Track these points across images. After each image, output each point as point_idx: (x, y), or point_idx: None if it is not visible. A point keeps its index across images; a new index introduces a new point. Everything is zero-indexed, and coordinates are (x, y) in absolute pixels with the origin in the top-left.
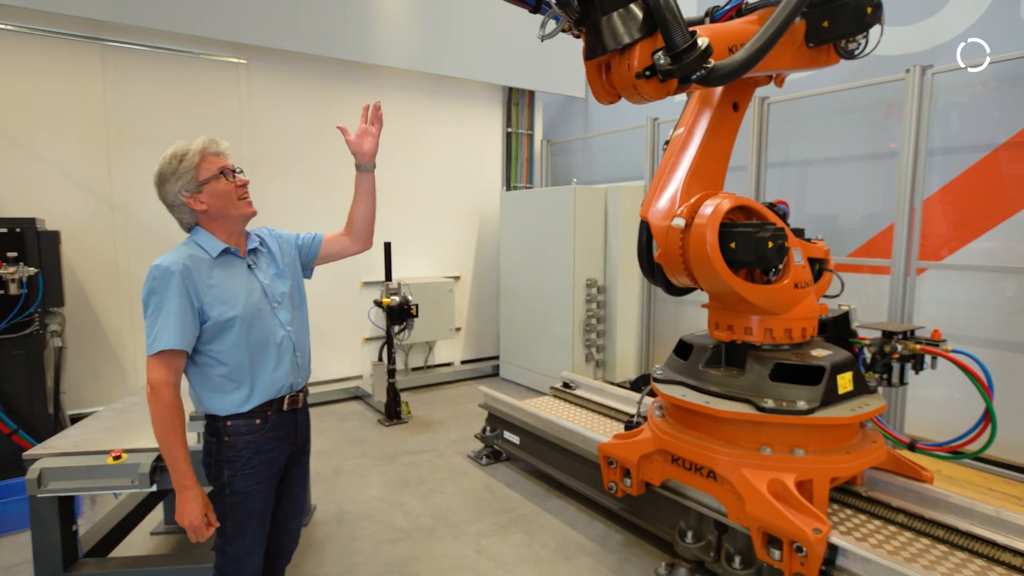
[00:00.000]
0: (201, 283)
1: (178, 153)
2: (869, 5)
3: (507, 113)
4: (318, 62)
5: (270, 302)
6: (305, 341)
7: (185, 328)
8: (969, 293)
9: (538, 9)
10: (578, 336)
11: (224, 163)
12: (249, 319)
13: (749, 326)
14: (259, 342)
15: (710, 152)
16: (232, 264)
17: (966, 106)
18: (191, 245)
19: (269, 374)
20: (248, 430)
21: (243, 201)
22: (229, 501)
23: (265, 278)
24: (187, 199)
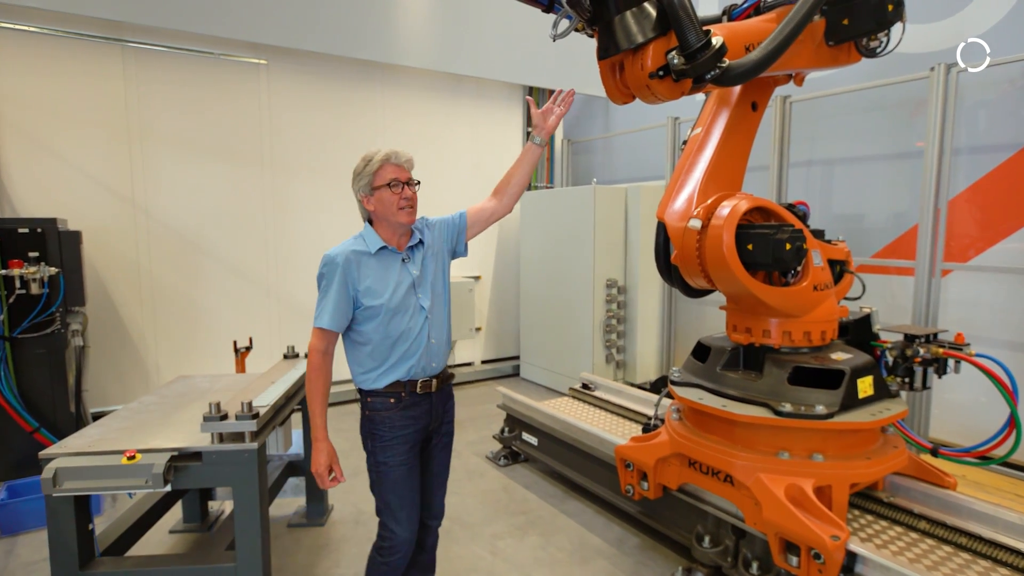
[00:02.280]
0: (359, 274)
1: (366, 157)
2: (890, 2)
3: (527, 113)
4: (338, 62)
5: (416, 291)
6: (443, 327)
7: (337, 312)
8: (996, 295)
9: (551, 8)
10: (598, 337)
11: (398, 174)
12: (393, 309)
13: (767, 328)
14: (399, 329)
15: (728, 152)
16: (388, 259)
17: (993, 104)
18: (358, 239)
19: (404, 358)
20: (384, 407)
21: (402, 211)
22: (376, 470)
23: (415, 269)
24: (363, 198)
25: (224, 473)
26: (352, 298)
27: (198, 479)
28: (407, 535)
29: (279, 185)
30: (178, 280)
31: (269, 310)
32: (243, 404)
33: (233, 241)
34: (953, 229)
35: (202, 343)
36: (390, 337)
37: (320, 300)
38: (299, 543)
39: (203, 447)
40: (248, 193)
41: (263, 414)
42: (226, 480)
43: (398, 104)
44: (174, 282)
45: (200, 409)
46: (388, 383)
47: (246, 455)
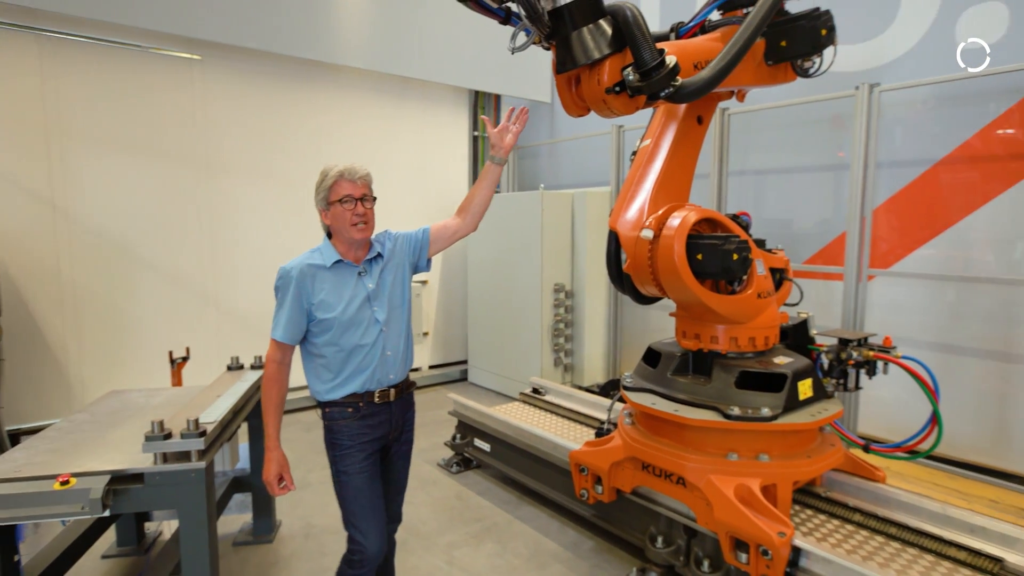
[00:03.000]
0: (313, 287)
1: (323, 172)
2: (824, 27)
3: (473, 117)
4: (279, 60)
5: (371, 304)
6: (399, 339)
7: (290, 324)
8: (912, 298)
9: (508, 21)
10: (546, 341)
11: (352, 191)
12: (346, 322)
13: (715, 335)
14: (353, 342)
15: (676, 164)
16: (343, 272)
17: (908, 122)
18: (315, 252)
19: (358, 370)
20: (342, 416)
21: (355, 227)
22: (338, 479)
23: (371, 283)
24: (321, 212)
25: (168, 495)
26: (306, 311)
27: (140, 503)
28: (375, 547)
29: (217, 188)
30: (104, 288)
31: (207, 319)
32: (189, 421)
33: (166, 246)
34: (876, 237)
35: (133, 355)
36: (344, 350)
37: (276, 311)
38: (246, 562)
39: (145, 468)
40: (182, 196)
41: (210, 431)
42: (171, 502)
43: (343, 106)
44: (100, 290)
45: (138, 426)
46: (345, 394)
47: (193, 475)
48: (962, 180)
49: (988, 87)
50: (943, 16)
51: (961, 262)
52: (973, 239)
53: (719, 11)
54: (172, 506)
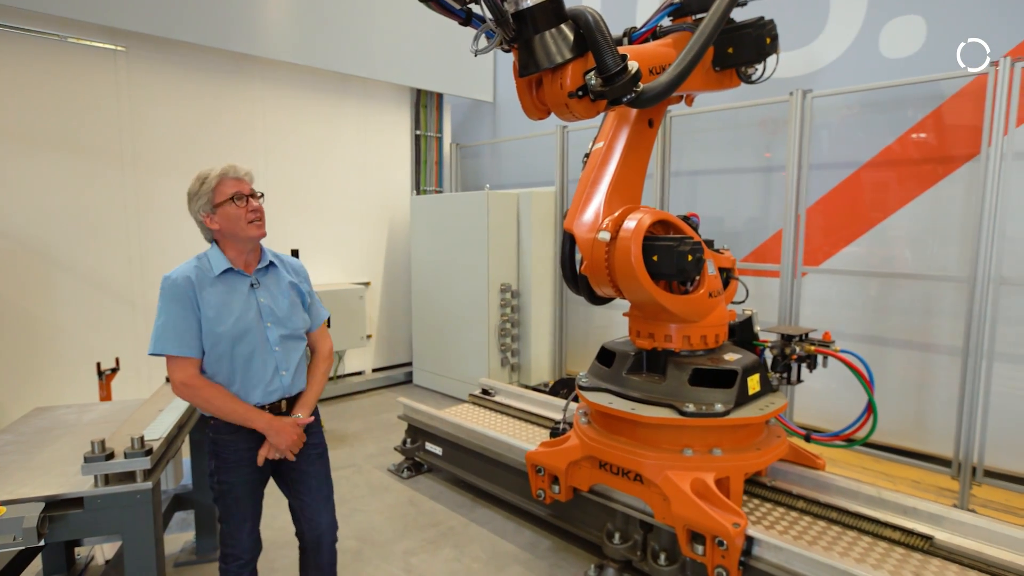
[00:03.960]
0: (201, 297)
1: (201, 176)
2: (768, 36)
3: (415, 115)
4: (209, 53)
5: (264, 321)
6: (293, 360)
7: (188, 335)
8: (840, 294)
9: (468, 22)
10: (493, 341)
11: (240, 188)
12: (238, 335)
13: (669, 334)
14: (244, 356)
15: (629, 166)
16: (234, 282)
17: (835, 127)
18: (201, 259)
19: (250, 386)
20: (227, 430)
21: (252, 224)
22: (216, 488)
23: (265, 297)
24: (204, 218)
25: (112, 520)
26: (198, 321)
27: (80, 529)
28: (247, 543)
29: (143, 186)
30: (17, 295)
31: (135, 326)
32: (133, 439)
33: (88, 249)
34: (807, 236)
35: (53, 368)
36: (233, 365)
37: (162, 326)
38: None
39: (85, 492)
40: (105, 194)
41: (156, 448)
42: (114, 527)
43: (278, 102)
44: (12, 297)
45: (72, 446)
46: None
47: (139, 497)
48: (885, 182)
49: (908, 95)
50: (868, 27)
51: (884, 259)
52: (895, 237)
53: (669, 17)
54: (116, 531)
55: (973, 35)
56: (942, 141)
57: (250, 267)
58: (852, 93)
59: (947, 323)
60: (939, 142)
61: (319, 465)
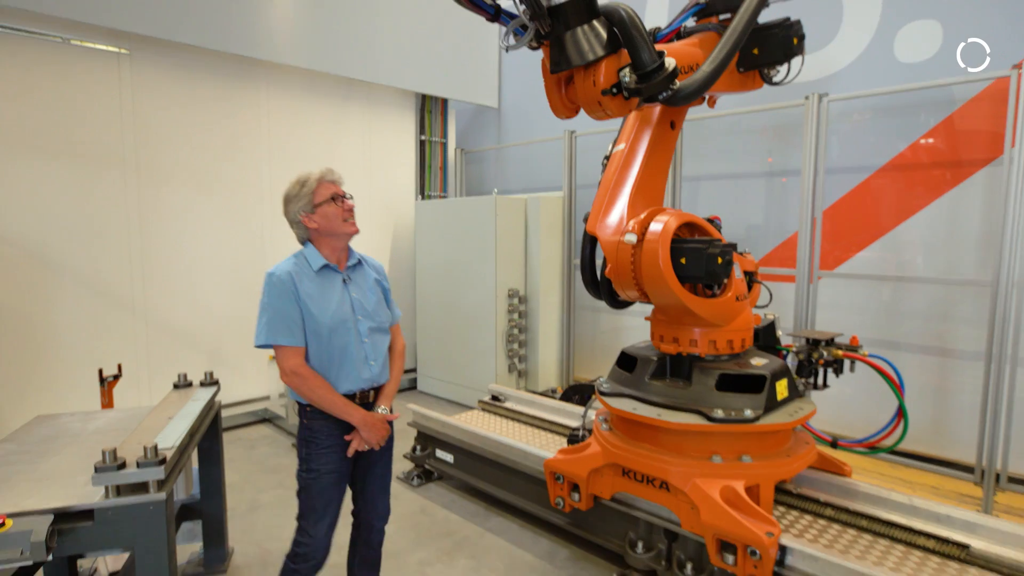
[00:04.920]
0: (301, 290)
1: (301, 179)
2: (796, 36)
3: (420, 120)
4: (213, 56)
5: (356, 314)
6: (381, 351)
7: (294, 325)
8: (853, 298)
9: (497, 18)
10: (501, 346)
11: (336, 190)
12: (334, 326)
13: (694, 338)
14: (339, 346)
15: (652, 168)
16: (329, 277)
17: (850, 132)
18: (299, 257)
19: (345, 373)
20: (321, 415)
21: (347, 223)
22: (303, 478)
23: (356, 292)
24: (303, 218)
25: (123, 533)
26: (300, 312)
27: (90, 543)
28: (323, 543)
29: (145, 190)
30: (16, 300)
31: (136, 332)
32: (146, 448)
33: (89, 253)
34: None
35: (53, 374)
36: (329, 354)
37: (271, 319)
38: None
39: (95, 504)
40: (107, 198)
41: (170, 457)
42: (126, 540)
43: (284, 106)
44: (11, 303)
45: (78, 455)
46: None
47: (152, 509)
48: (901, 186)
49: (925, 99)
50: (882, 31)
51: (899, 264)
52: (910, 242)
53: (694, 18)
54: (127, 545)
55: (989, 39)
56: (959, 145)
57: (342, 264)
58: (868, 97)
59: (965, 328)
60: (956, 146)
61: (387, 456)
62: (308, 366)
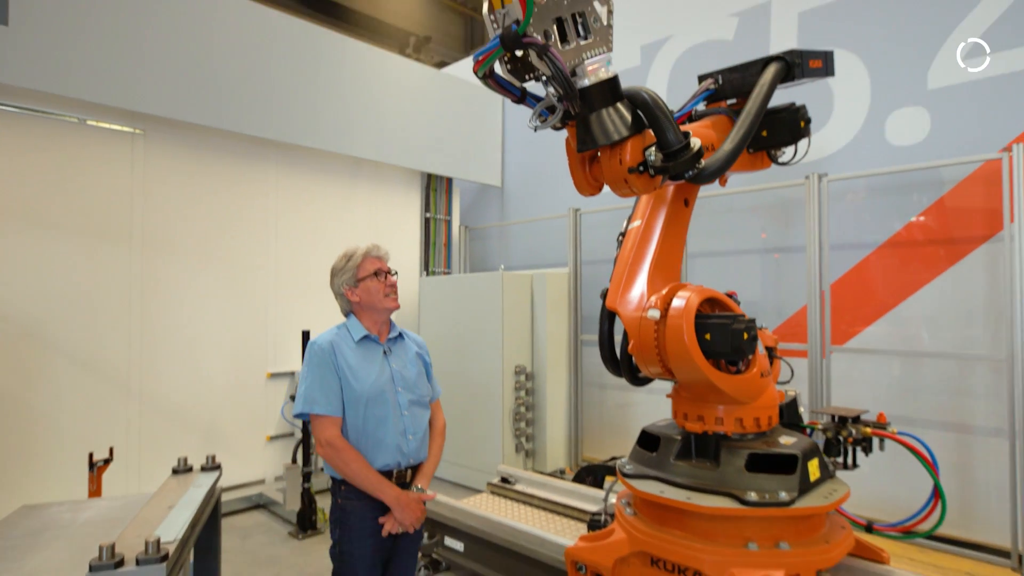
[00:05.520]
0: (342, 360)
1: (348, 253)
2: (802, 119)
3: (425, 198)
4: (228, 137)
5: (395, 386)
6: (420, 425)
7: (332, 395)
8: (863, 374)
9: (523, 100)
10: (507, 425)
11: (380, 265)
12: (373, 396)
13: (720, 416)
14: (377, 418)
15: (669, 245)
16: (370, 348)
17: (848, 211)
18: (342, 328)
19: (382, 446)
20: (357, 496)
21: (388, 298)
22: (338, 559)
23: (397, 364)
24: (347, 291)
25: None
26: (339, 382)
27: None
28: None
29: (151, 267)
30: (10, 381)
31: (129, 412)
32: (148, 543)
33: (86, 331)
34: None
35: (40, 459)
36: (366, 425)
37: (309, 387)
38: None
39: None
40: (111, 275)
41: (172, 552)
42: None
43: (293, 183)
44: (5, 384)
45: (68, 550)
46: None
47: None
48: (902, 263)
49: (921, 179)
50: (873, 117)
51: (904, 339)
52: (914, 317)
53: (704, 102)
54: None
55: (976, 123)
56: (956, 223)
57: (383, 336)
58: (866, 177)
59: (981, 403)
60: (954, 224)
61: (416, 542)
62: (343, 438)
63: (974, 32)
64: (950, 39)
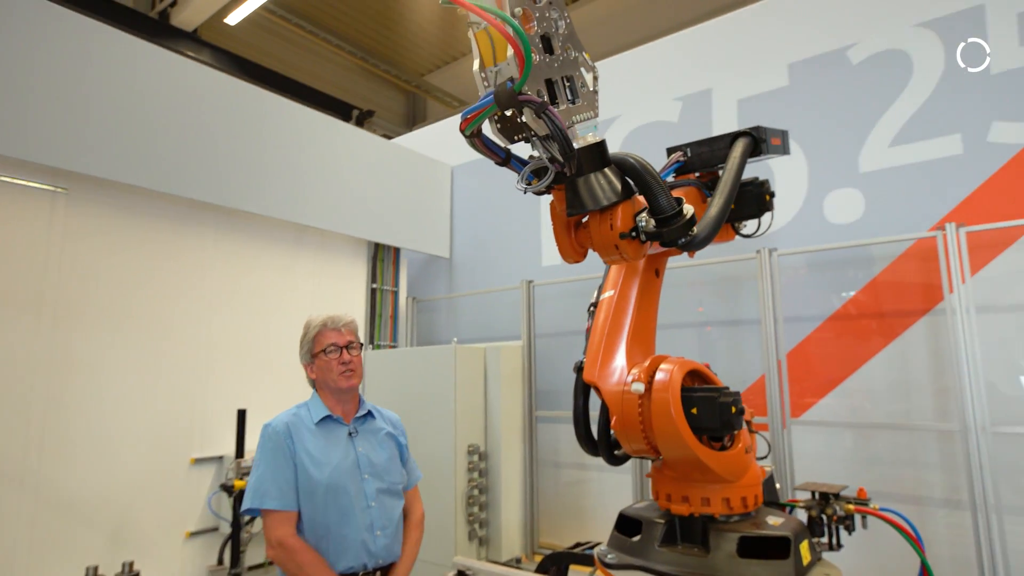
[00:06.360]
0: (298, 445)
1: (306, 324)
2: (767, 193)
3: (372, 269)
4: (161, 199)
5: (361, 472)
6: (392, 518)
7: (286, 486)
8: (816, 446)
9: (507, 162)
10: (461, 511)
11: (337, 339)
12: (334, 485)
13: (707, 496)
14: (339, 510)
15: (643, 315)
16: (332, 429)
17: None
18: (302, 407)
19: (345, 545)
20: None
21: (342, 376)
22: None
23: (363, 447)
24: (305, 366)
25: None
26: (294, 472)
27: None
28: None
29: (63, 339)
30: None
31: (19, 510)
32: None
33: None
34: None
35: None
36: (326, 521)
37: (260, 478)
38: None
39: None
40: (12, 349)
41: None
42: None
43: (233, 251)
44: None
45: None
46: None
47: None
48: (849, 336)
49: (858, 256)
50: (811, 198)
51: (852, 411)
52: (862, 390)
53: (674, 175)
54: None
55: (909, 203)
56: (897, 296)
57: (348, 416)
58: (811, 253)
59: (935, 474)
60: (894, 297)
61: None
62: (299, 537)
63: (899, 122)
64: (878, 126)
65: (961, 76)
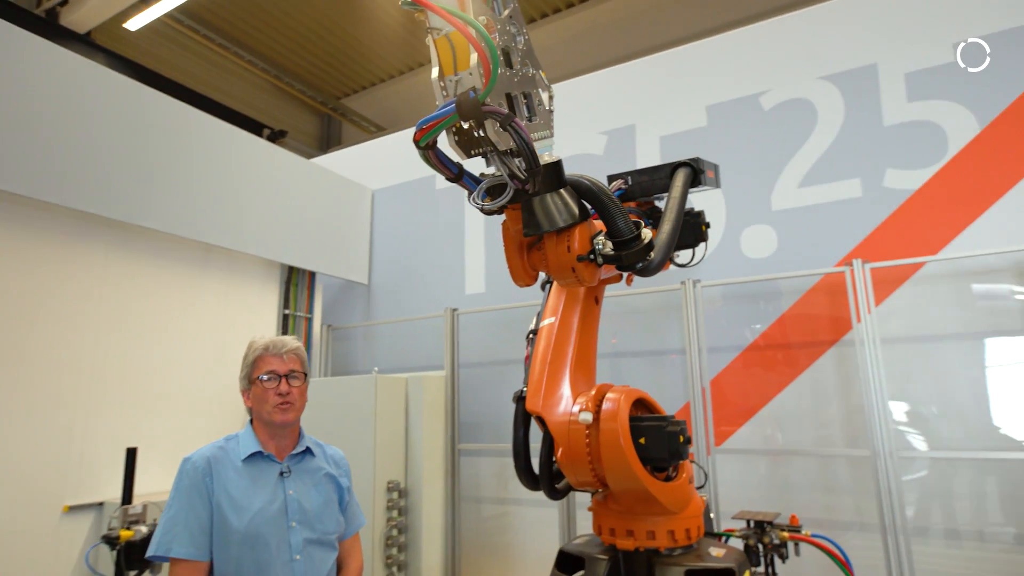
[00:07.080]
0: (217, 484)
1: (248, 345)
2: (703, 224)
3: (284, 294)
4: (39, 208)
5: (288, 519)
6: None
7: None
8: (732, 473)
9: (459, 179)
10: (379, 554)
11: (277, 367)
12: (252, 535)
13: (651, 530)
14: (256, 564)
15: (585, 343)
16: (261, 468)
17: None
18: (231, 440)
19: None
20: None
21: (276, 409)
22: None
23: (295, 489)
24: (242, 392)
25: None
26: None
27: None
28: None
29: None
30: None
31: None
32: None
33: None
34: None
35: None
36: (241, 574)
37: (169, 521)
38: None
39: None
40: None
41: None
42: None
43: (128, 270)
44: None
45: None
46: None
47: None
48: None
49: (773, 289)
50: (728, 233)
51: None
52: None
53: None
54: None
55: (816, 241)
56: (809, 327)
57: (283, 453)
58: (732, 285)
59: (848, 498)
60: (806, 328)
61: None
62: None
63: (806, 164)
64: (788, 167)
65: (859, 126)
